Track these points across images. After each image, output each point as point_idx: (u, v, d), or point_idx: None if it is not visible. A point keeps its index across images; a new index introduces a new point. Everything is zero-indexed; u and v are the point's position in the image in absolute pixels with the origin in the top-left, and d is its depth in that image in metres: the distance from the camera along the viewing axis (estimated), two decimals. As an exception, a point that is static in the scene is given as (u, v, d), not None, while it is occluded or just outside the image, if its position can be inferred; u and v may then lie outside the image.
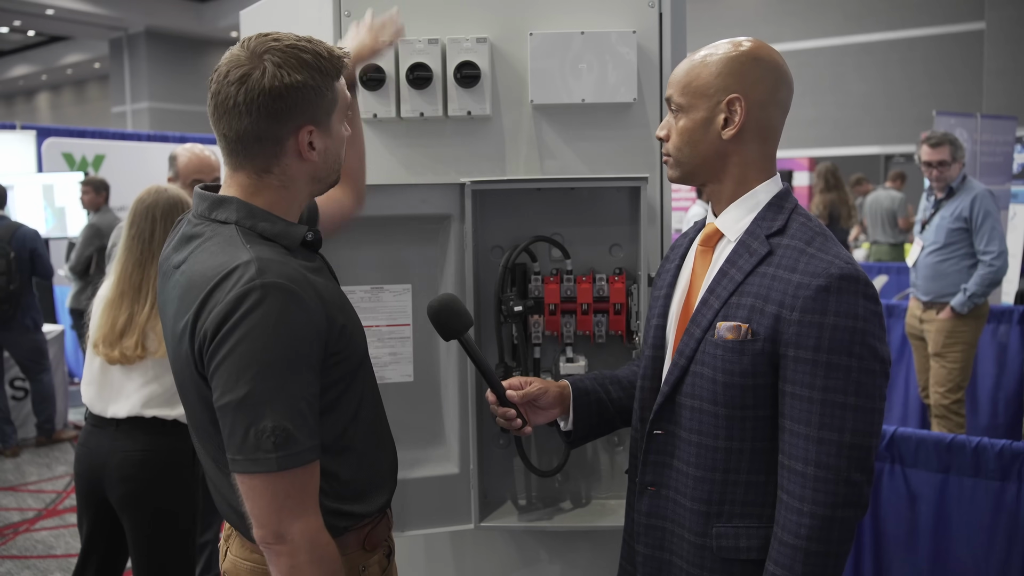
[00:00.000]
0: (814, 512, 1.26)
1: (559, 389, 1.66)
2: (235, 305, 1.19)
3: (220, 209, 1.33)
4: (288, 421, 1.19)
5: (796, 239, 1.35)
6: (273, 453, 1.18)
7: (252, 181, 1.34)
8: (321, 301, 1.27)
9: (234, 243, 1.27)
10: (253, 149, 1.31)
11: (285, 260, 1.26)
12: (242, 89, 1.26)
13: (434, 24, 1.96)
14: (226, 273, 1.22)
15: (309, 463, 1.23)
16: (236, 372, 1.19)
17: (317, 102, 1.30)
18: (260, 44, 1.29)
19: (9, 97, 29.86)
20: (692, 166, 1.43)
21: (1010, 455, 2.47)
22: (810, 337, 1.27)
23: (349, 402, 1.37)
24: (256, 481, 1.20)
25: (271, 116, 1.27)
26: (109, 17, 19.36)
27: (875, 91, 14.37)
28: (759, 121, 1.38)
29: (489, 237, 2.00)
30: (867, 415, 1.27)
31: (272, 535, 1.22)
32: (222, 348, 1.19)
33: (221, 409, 1.21)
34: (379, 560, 1.47)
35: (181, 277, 1.31)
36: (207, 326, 1.21)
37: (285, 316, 1.20)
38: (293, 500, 1.21)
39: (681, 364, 1.41)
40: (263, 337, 1.18)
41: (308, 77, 1.28)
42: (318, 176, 1.38)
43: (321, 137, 1.33)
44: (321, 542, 1.24)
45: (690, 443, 1.40)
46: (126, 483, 2.35)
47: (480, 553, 2.10)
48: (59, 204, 7.27)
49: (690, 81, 1.40)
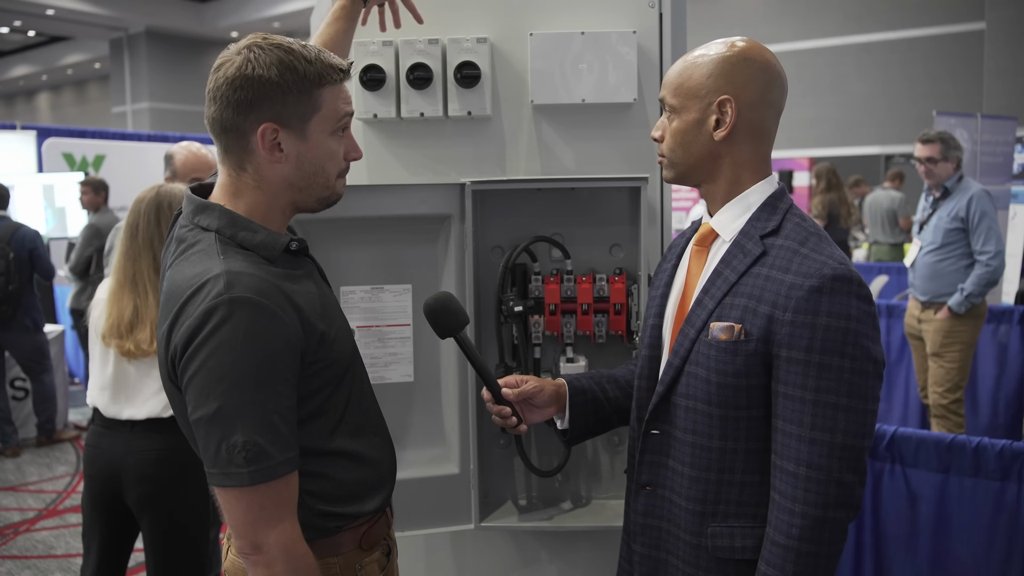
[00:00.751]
0: (806, 512, 1.26)
1: (555, 387, 1.67)
2: (203, 320, 1.20)
3: (203, 215, 1.33)
4: (259, 435, 1.20)
5: (790, 240, 1.35)
6: (245, 468, 1.19)
7: (232, 180, 1.35)
8: (296, 311, 1.26)
9: (210, 254, 1.27)
10: (223, 140, 1.32)
11: (256, 272, 1.25)
12: (214, 76, 1.30)
13: (434, 24, 1.96)
14: (198, 286, 1.23)
15: (284, 475, 1.23)
16: (207, 388, 1.20)
17: (283, 100, 1.29)
18: (252, 40, 1.31)
19: (9, 97, 29.88)
20: (686, 167, 1.43)
21: (1010, 455, 2.47)
22: (803, 338, 1.27)
23: (336, 407, 1.37)
24: (230, 494, 1.22)
25: (231, 105, 1.28)
26: (109, 17, 19.38)
27: (875, 91, 14.37)
28: (751, 122, 1.38)
29: (489, 237, 2.01)
30: (859, 416, 1.27)
31: (249, 545, 1.23)
32: (192, 363, 1.21)
33: (194, 423, 1.22)
34: (378, 559, 1.47)
35: (165, 283, 1.34)
36: (177, 340, 1.23)
37: (253, 331, 1.20)
38: (268, 511, 1.22)
39: (676, 364, 1.41)
40: (231, 353, 1.19)
41: (277, 74, 1.27)
42: (297, 184, 1.35)
43: (292, 141, 1.32)
44: (298, 552, 1.25)
45: (685, 443, 1.40)
46: (145, 483, 2.35)
47: (480, 553, 2.10)
48: (59, 204, 7.28)
49: (682, 83, 1.40)
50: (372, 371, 1.94)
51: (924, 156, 4.38)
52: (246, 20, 19.33)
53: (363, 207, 1.87)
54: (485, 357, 1.99)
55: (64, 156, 8.08)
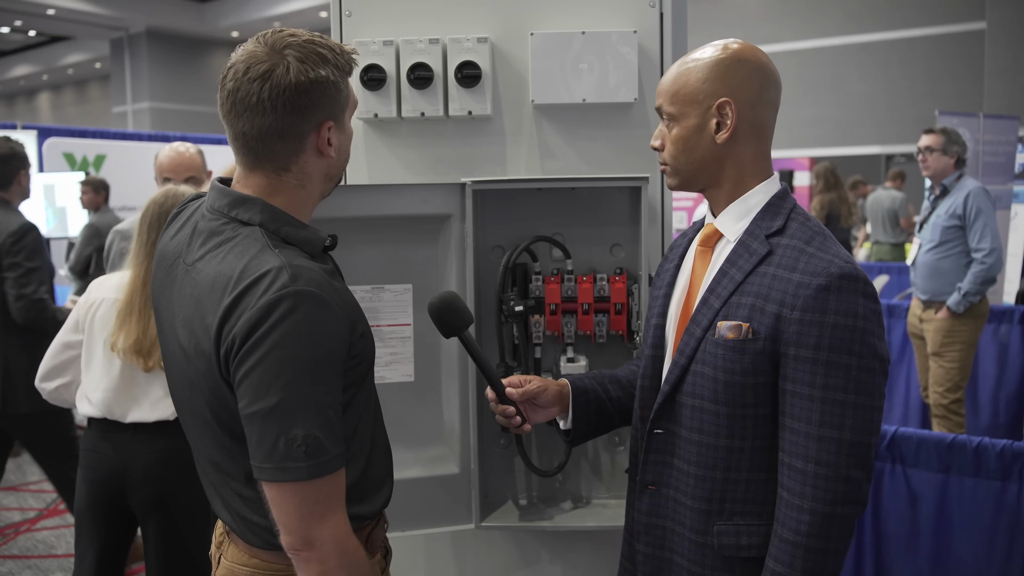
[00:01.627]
0: (814, 509, 1.27)
1: (558, 388, 1.67)
2: (267, 312, 1.17)
3: (242, 208, 1.30)
4: (318, 430, 1.19)
5: (795, 239, 1.36)
6: (304, 462, 1.18)
7: (270, 181, 1.32)
8: (345, 307, 1.27)
9: (261, 246, 1.25)
10: (275, 147, 1.29)
11: (313, 267, 1.25)
12: (266, 85, 1.24)
13: (435, 24, 1.96)
14: (257, 277, 1.20)
15: (337, 470, 1.23)
16: (267, 380, 1.18)
17: (336, 97, 1.31)
18: (279, 40, 1.28)
19: (10, 97, 29.88)
20: (690, 173, 1.44)
21: (1011, 455, 2.47)
22: (811, 335, 1.27)
23: (358, 405, 1.37)
24: (284, 489, 1.20)
25: (296, 112, 1.26)
26: (110, 17, 19.38)
27: (876, 91, 14.36)
28: (751, 122, 1.39)
29: (490, 237, 2.01)
30: (867, 413, 1.28)
31: (301, 541, 1.21)
32: (252, 355, 1.18)
33: (249, 417, 1.20)
34: (378, 562, 1.47)
35: (199, 276, 1.28)
36: (236, 331, 1.19)
37: (316, 325, 1.20)
38: (321, 506, 1.21)
39: (681, 363, 1.41)
40: (295, 346, 1.18)
41: (329, 72, 1.28)
42: (331, 174, 1.39)
43: (337, 133, 1.34)
44: (350, 547, 1.25)
45: (691, 442, 1.41)
46: (151, 485, 2.35)
47: (481, 553, 2.10)
48: (60, 204, 7.26)
49: (678, 89, 1.40)
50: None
51: (923, 145, 4.43)
52: (247, 20, 19.33)
53: (364, 207, 1.87)
54: (485, 354, 1.99)
55: (65, 156, 8.07)
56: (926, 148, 4.42)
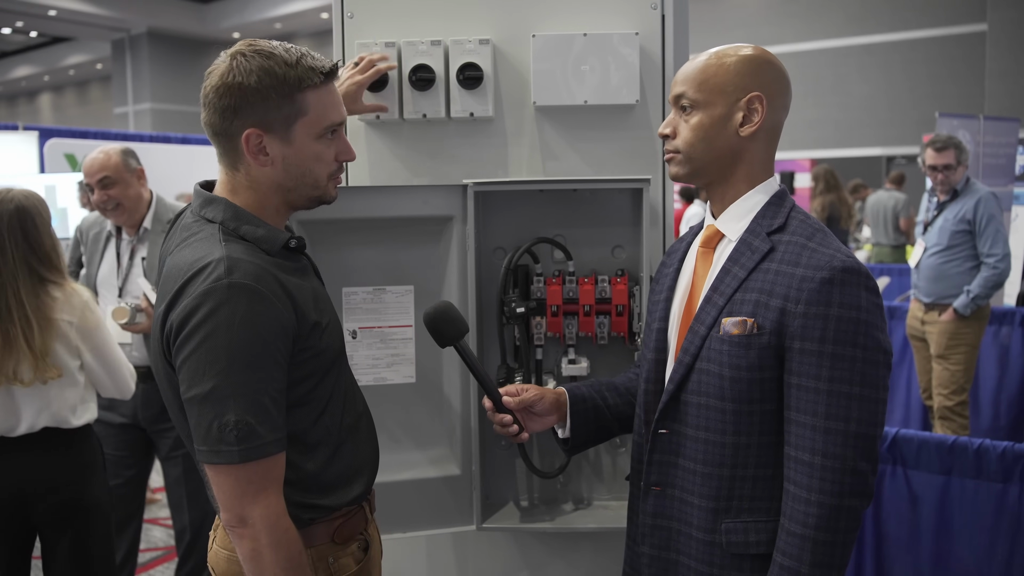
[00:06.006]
0: (821, 501, 1.28)
1: (556, 396, 1.66)
2: (200, 302, 1.25)
3: (209, 208, 1.39)
4: (250, 415, 1.25)
5: (797, 235, 1.37)
6: (235, 446, 1.25)
7: (228, 178, 1.41)
8: (289, 298, 1.32)
9: (211, 241, 1.33)
10: (218, 143, 1.39)
11: (255, 260, 1.31)
12: (206, 83, 1.36)
13: (437, 25, 1.96)
14: (198, 269, 1.28)
15: (272, 455, 1.29)
16: (201, 367, 1.25)
17: (264, 106, 1.33)
18: (241, 46, 1.37)
19: (11, 98, 29.91)
20: (703, 163, 1.43)
21: (1012, 457, 2.47)
22: (815, 329, 1.28)
23: (319, 397, 1.41)
24: (220, 471, 1.27)
25: (218, 112, 1.34)
26: (111, 18, 19.41)
27: (877, 93, 14.37)
28: (772, 121, 1.42)
29: (491, 238, 2.01)
30: (872, 405, 1.29)
31: (235, 519, 1.28)
32: (188, 343, 1.26)
33: (187, 401, 1.28)
34: (353, 553, 1.48)
35: (165, 268, 1.40)
36: (174, 319, 1.28)
37: (248, 315, 1.26)
38: (255, 486, 1.28)
39: (686, 362, 1.41)
40: (227, 335, 1.25)
41: (256, 81, 1.32)
42: (285, 185, 1.40)
43: (277, 145, 1.36)
44: (281, 526, 1.30)
45: (697, 440, 1.41)
46: (55, 493, 2.32)
47: (482, 555, 2.10)
48: (61, 205, 7.27)
49: (707, 78, 1.41)
50: (374, 372, 1.94)
51: (941, 164, 4.32)
52: (248, 21, 19.36)
53: (365, 208, 1.87)
54: (487, 358, 1.99)
55: (66, 157, 8.07)
56: (945, 167, 4.31)
